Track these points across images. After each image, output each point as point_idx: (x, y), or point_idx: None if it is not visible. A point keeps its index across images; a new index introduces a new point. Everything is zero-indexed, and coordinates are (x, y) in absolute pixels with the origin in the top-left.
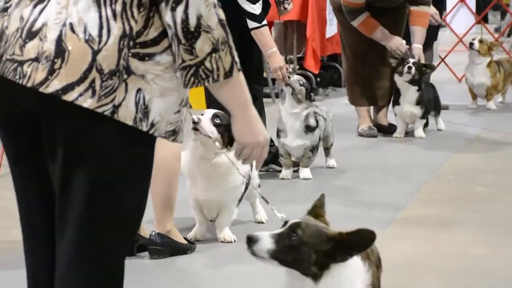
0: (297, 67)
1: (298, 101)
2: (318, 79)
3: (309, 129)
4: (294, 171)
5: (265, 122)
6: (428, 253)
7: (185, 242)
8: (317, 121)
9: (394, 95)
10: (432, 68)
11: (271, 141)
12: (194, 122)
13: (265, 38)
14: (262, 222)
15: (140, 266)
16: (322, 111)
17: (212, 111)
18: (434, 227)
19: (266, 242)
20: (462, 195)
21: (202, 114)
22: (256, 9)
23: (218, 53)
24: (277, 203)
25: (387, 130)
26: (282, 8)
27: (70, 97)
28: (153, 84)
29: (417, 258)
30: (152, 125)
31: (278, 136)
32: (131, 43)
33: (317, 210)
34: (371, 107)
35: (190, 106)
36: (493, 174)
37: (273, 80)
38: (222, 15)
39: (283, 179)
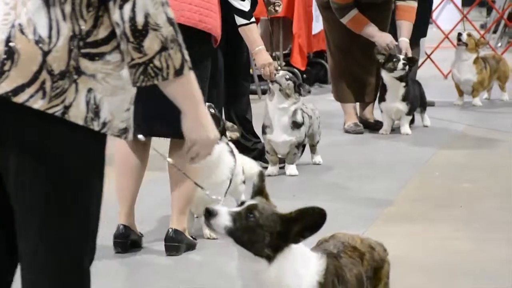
0: (283, 63)
1: (287, 95)
2: (305, 75)
3: (295, 125)
4: (280, 168)
5: (251, 118)
6: (414, 249)
7: (190, 238)
8: (303, 118)
9: (380, 92)
10: (415, 61)
11: (257, 137)
12: None
13: (253, 35)
14: None
15: (131, 262)
16: (308, 108)
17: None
18: (419, 223)
19: (224, 219)
20: (448, 191)
21: None
22: (245, 5)
23: (167, 51)
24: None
25: (373, 126)
26: (273, 9)
27: (20, 99)
28: (104, 83)
29: (403, 254)
30: (104, 124)
31: (263, 132)
32: (81, 43)
33: (263, 191)
34: (357, 103)
35: None
36: (479, 170)
37: (259, 76)
38: (171, 14)
39: (269, 175)
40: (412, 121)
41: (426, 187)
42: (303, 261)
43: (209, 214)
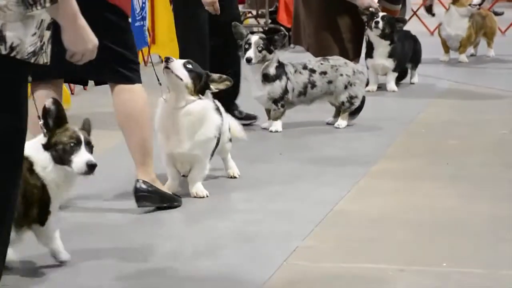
0: (269, 21)
1: (263, 61)
2: (291, 33)
3: (266, 78)
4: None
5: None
6: (400, 207)
7: (169, 192)
8: (285, 73)
9: (367, 48)
10: (403, 22)
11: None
12: (166, 61)
13: None
14: (235, 177)
15: (118, 220)
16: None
17: (184, 60)
18: (406, 180)
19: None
20: (434, 148)
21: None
22: None
23: None
24: (250, 157)
25: None
26: None
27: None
28: (6, 10)
29: (389, 211)
30: (12, 48)
31: None
32: None
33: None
34: None
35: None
36: (466, 127)
37: None
38: None
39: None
40: (402, 77)
41: (413, 144)
42: None
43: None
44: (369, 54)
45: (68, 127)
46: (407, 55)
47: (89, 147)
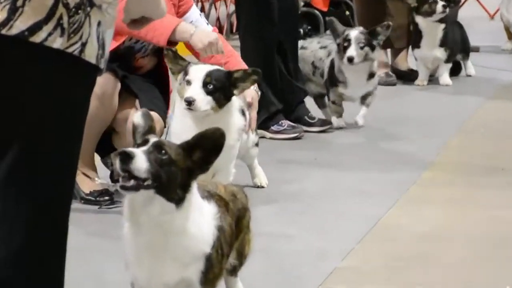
0: (302, 3)
1: (365, 61)
2: (327, 18)
3: (371, 76)
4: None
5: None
6: (455, 219)
7: None
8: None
9: (415, 37)
10: (456, 2)
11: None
12: (188, 103)
13: None
14: (262, 187)
15: None
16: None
17: (203, 74)
18: (461, 189)
19: (142, 159)
20: (494, 152)
21: (189, 81)
22: None
23: None
24: (280, 163)
25: (408, 76)
26: None
27: (38, 38)
28: (106, 14)
29: (442, 224)
30: (106, 61)
31: (334, 85)
32: None
33: (154, 129)
34: (388, 50)
35: (174, 51)
36: None
37: None
38: None
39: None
40: (456, 71)
41: (469, 147)
42: (200, 205)
43: (128, 157)
44: (417, 44)
45: None
46: (458, 43)
47: None
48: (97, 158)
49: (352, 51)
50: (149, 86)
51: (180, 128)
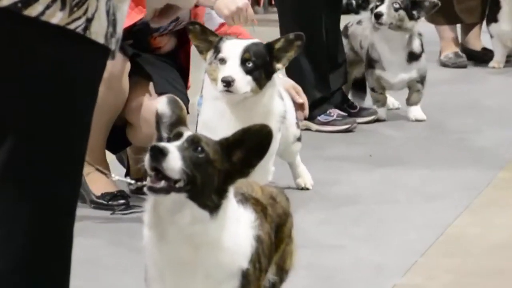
0: None
1: (398, 28)
2: None
3: (412, 56)
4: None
5: None
6: None
7: None
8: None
9: (491, 9)
10: None
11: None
12: (227, 83)
13: None
14: (307, 189)
15: None
16: None
17: (240, 50)
18: None
19: (176, 157)
20: None
21: (223, 59)
22: None
23: None
24: (327, 160)
25: (481, 57)
26: None
27: (34, 10)
28: None
29: None
30: (117, 42)
31: (371, 66)
32: None
33: (184, 120)
34: (458, 26)
35: (202, 25)
36: None
37: None
38: None
39: (378, 120)
40: None
41: None
42: (236, 213)
43: (161, 153)
44: (493, 18)
45: None
46: None
47: None
48: (110, 156)
49: (382, 8)
50: (165, 65)
51: (210, 115)
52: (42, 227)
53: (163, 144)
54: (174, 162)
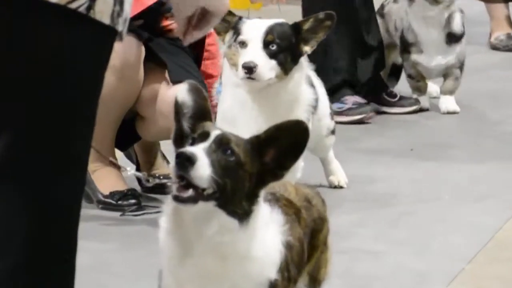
0: None
1: (435, 1)
2: None
3: (452, 38)
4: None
5: None
6: None
7: None
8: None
9: None
10: None
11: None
12: (248, 69)
13: None
14: (341, 187)
15: None
16: None
17: (262, 31)
18: None
19: (205, 165)
20: None
21: (243, 42)
22: None
23: None
24: (364, 155)
25: None
26: None
27: None
28: None
29: None
30: (125, 22)
31: (406, 51)
32: None
33: (208, 112)
34: (511, 4)
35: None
36: None
37: None
38: None
39: (421, 110)
40: None
41: None
42: (266, 219)
43: (188, 161)
44: None
45: None
46: None
47: None
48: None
49: None
50: (178, 50)
51: (230, 104)
52: (42, 227)
53: (190, 150)
54: (203, 170)
